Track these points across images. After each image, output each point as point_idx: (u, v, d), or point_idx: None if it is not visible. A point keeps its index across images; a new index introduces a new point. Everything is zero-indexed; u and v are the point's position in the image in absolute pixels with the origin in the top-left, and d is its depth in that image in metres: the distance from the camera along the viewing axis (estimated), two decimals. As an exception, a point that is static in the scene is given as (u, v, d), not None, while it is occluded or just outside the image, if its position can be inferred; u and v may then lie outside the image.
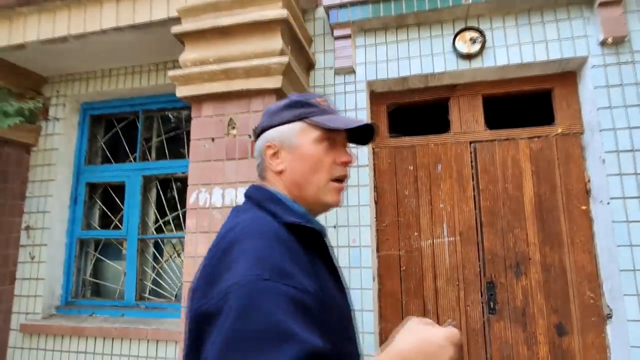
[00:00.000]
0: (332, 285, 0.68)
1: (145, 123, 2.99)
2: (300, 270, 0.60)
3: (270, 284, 0.56)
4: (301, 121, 0.78)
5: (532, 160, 2.20)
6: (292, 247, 0.64)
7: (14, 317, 2.76)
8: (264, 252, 0.60)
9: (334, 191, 0.78)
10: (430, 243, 2.27)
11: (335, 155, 0.78)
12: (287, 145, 0.78)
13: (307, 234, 0.69)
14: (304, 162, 0.76)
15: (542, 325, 2.07)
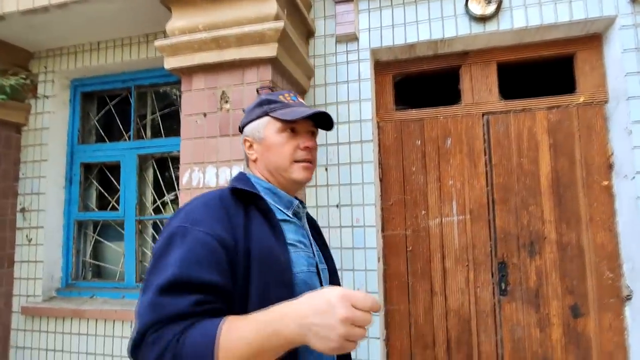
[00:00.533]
0: (270, 239, 0.80)
1: (138, 99, 2.85)
2: (216, 222, 0.75)
3: (184, 229, 0.74)
4: (266, 116, 0.93)
5: (550, 132, 2.04)
6: (223, 205, 0.79)
7: (15, 300, 2.74)
8: (191, 211, 0.78)
9: (299, 169, 0.91)
10: (438, 222, 2.15)
11: (299, 141, 0.92)
12: (257, 138, 0.94)
13: (248, 197, 0.84)
14: (269, 150, 0.92)
15: (556, 307, 1.97)
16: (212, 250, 0.71)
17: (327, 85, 2.26)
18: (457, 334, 2.08)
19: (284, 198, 0.94)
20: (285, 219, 0.91)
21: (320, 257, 0.99)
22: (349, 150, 2.20)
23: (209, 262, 0.70)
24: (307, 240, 0.95)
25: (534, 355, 1.98)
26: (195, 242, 0.71)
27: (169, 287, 0.66)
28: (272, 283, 0.76)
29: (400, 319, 2.17)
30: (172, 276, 0.66)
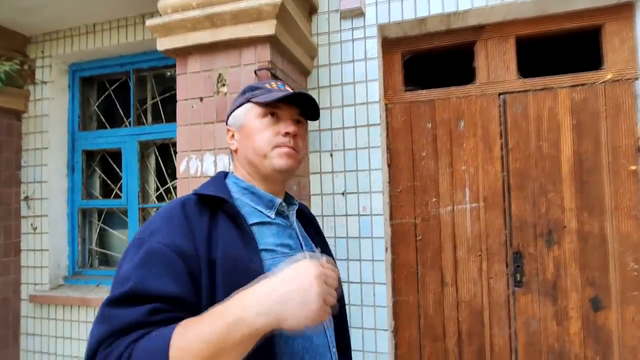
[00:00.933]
0: (237, 246, 0.72)
1: (138, 84, 2.76)
2: (175, 231, 0.69)
3: (140, 241, 0.69)
4: (248, 103, 0.86)
5: (573, 112, 1.88)
6: (185, 214, 0.72)
7: (23, 288, 2.75)
8: (151, 222, 0.73)
9: (279, 156, 0.82)
10: (450, 210, 2.03)
11: (280, 127, 0.83)
12: (238, 126, 0.87)
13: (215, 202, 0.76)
14: (248, 136, 0.85)
15: (575, 299, 1.86)
16: (168, 260, 0.66)
17: (331, 66, 2.13)
18: (468, 326, 1.99)
19: (264, 198, 0.85)
20: (264, 221, 0.82)
21: None
22: (355, 135, 2.08)
23: (164, 273, 0.64)
24: (294, 242, 0.85)
25: (549, 349, 1.89)
26: (150, 253, 0.66)
27: (120, 299, 0.61)
28: (229, 292, 0.66)
29: (409, 310, 2.09)
30: (124, 289, 0.62)
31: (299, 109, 0.88)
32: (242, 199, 0.83)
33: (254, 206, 0.83)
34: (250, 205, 0.83)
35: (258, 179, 0.86)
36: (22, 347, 2.72)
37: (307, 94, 0.85)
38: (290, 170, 0.84)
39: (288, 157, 0.82)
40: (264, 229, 0.80)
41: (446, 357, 2.03)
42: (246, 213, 0.80)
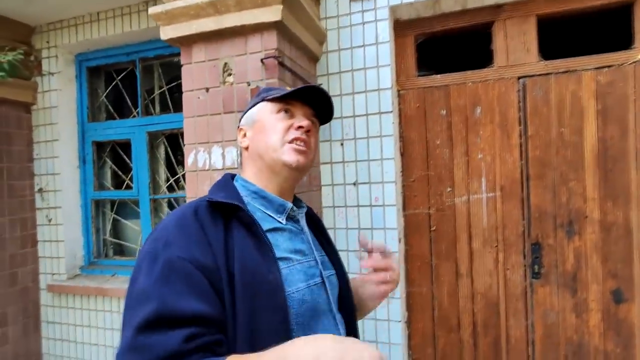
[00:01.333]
0: (254, 256, 0.68)
1: (144, 73, 2.71)
2: (192, 242, 0.65)
3: (155, 253, 0.64)
4: (262, 102, 0.84)
5: (599, 96, 1.77)
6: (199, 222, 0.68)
7: (41, 278, 2.81)
8: (163, 231, 0.68)
9: (290, 151, 0.79)
10: (465, 200, 1.97)
11: (294, 121, 0.81)
12: (250, 124, 0.85)
13: (228, 208, 0.72)
14: (260, 131, 0.82)
15: (595, 291, 1.80)
16: (190, 276, 0.62)
17: (340, 51, 2.05)
18: (484, 318, 1.96)
19: (274, 202, 0.81)
20: (277, 227, 0.78)
21: (326, 261, 0.86)
22: (367, 123, 2.01)
23: (189, 291, 0.61)
24: (306, 247, 0.81)
25: (568, 341, 1.84)
26: (169, 267, 0.62)
27: (150, 325, 0.57)
28: (260, 308, 0.65)
29: (422, 301, 2.06)
30: (152, 311, 0.58)
31: (313, 111, 0.85)
32: (253, 203, 0.79)
33: (264, 211, 0.79)
34: (261, 210, 0.79)
35: (268, 177, 0.81)
36: (44, 335, 2.81)
37: (322, 88, 0.82)
38: (300, 167, 0.79)
39: (299, 153, 0.79)
40: (277, 235, 0.77)
41: (461, 348, 2.00)
42: (259, 219, 0.76)
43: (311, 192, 1.97)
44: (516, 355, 1.91)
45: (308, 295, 0.73)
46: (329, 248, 0.91)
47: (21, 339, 2.69)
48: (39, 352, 2.80)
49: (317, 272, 0.79)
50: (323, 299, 0.77)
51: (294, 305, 0.70)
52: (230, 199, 0.73)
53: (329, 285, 0.80)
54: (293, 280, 0.72)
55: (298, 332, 0.69)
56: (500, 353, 1.94)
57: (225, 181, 0.83)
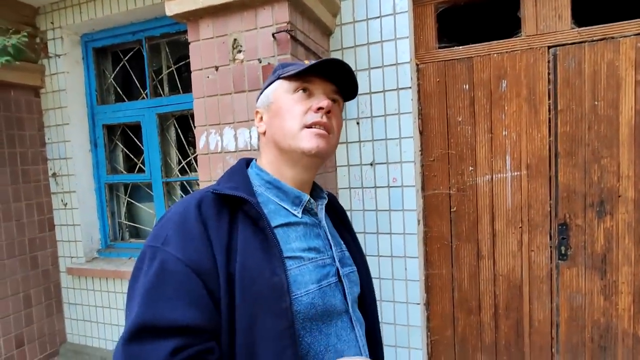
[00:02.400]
0: (258, 256, 0.63)
1: (151, 53, 2.63)
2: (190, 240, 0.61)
3: (154, 250, 0.61)
4: (278, 80, 0.76)
5: (638, 65, 1.63)
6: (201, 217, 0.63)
7: (61, 261, 2.86)
8: (164, 225, 0.64)
9: (309, 136, 0.71)
10: (488, 179, 1.88)
11: (312, 103, 0.72)
12: (266, 106, 0.77)
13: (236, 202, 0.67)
14: (277, 114, 0.74)
15: (626, 273, 1.72)
16: (184, 280, 0.58)
17: (355, 23, 1.93)
18: (506, 300, 1.91)
19: (290, 194, 0.74)
20: (290, 221, 0.72)
21: (346, 257, 0.79)
22: (384, 100, 1.91)
23: (181, 296, 0.57)
24: (323, 243, 0.75)
25: (594, 324, 1.78)
26: (163, 269, 0.59)
27: (137, 333, 0.55)
28: (261, 313, 0.60)
29: (442, 283, 2.01)
30: (139, 319, 0.56)
31: (335, 86, 0.75)
32: (266, 194, 0.73)
33: (279, 202, 0.73)
34: (275, 202, 0.73)
35: (285, 165, 0.74)
36: (66, 316, 2.88)
37: (342, 61, 0.72)
38: (320, 154, 0.71)
39: (319, 138, 0.70)
40: (289, 231, 0.70)
41: (481, 329, 1.97)
42: (270, 212, 0.70)
43: (326, 173, 1.90)
44: (539, 337, 1.87)
45: (319, 298, 0.67)
46: (351, 242, 0.85)
47: (45, 319, 2.77)
48: (63, 331, 2.88)
49: (333, 271, 0.73)
50: (338, 299, 0.71)
51: (301, 309, 0.64)
52: (238, 190, 0.67)
53: (347, 283, 0.74)
54: (303, 282, 0.66)
55: (306, 338, 0.65)
56: (523, 335, 1.89)
57: (239, 168, 0.77)
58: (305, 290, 0.66)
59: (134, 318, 0.56)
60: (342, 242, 0.83)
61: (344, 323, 0.72)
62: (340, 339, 0.69)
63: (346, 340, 0.70)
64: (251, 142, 1.62)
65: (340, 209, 0.90)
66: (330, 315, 0.69)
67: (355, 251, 0.85)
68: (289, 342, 0.60)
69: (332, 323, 0.69)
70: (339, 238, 0.82)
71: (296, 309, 0.63)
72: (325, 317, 0.68)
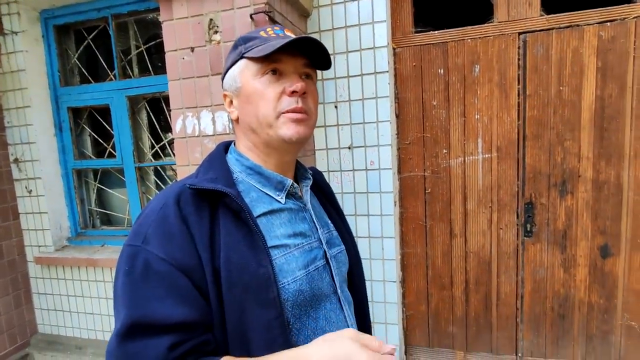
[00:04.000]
0: (242, 249, 0.62)
1: (119, 32, 2.51)
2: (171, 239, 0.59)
3: (135, 249, 0.60)
4: (242, 59, 0.70)
5: (600, 53, 1.73)
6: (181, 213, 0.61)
7: (28, 250, 2.74)
8: (143, 223, 0.62)
9: (287, 124, 0.68)
10: (461, 161, 1.96)
11: (284, 85, 0.68)
12: (234, 90, 0.72)
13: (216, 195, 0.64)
14: (248, 101, 0.69)
15: (584, 247, 1.86)
16: (170, 278, 0.57)
17: (333, 5, 1.91)
18: (475, 275, 2.02)
19: (272, 179, 0.72)
20: (274, 209, 0.70)
21: (334, 237, 0.80)
22: (362, 84, 1.93)
23: (170, 294, 0.57)
24: (309, 227, 0.74)
25: (555, 295, 1.93)
26: (147, 268, 0.58)
27: (131, 332, 0.55)
28: (250, 304, 0.60)
29: (417, 261, 2.10)
30: (130, 319, 0.55)
31: (306, 59, 0.70)
32: (248, 180, 0.71)
33: (261, 189, 0.71)
34: (257, 189, 0.71)
35: (264, 152, 0.72)
36: (36, 306, 2.78)
37: (311, 38, 0.67)
38: (301, 139, 0.69)
39: (297, 124, 0.67)
40: (273, 218, 0.69)
41: (452, 304, 2.08)
42: (253, 200, 0.69)
43: (305, 157, 1.91)
44: (505, 308, 2.00)
45: (306, 284, 0.67)
46: (338, 219, 0.86)
47: (14, 310, 2.66)
48: (34, 322, 2.79)
49: (320, 254, 0.73)
50: (326, 282, 0.72)
51: (289, 297, 0.65)
52: (217, 182, 0.65)
53: (335, 264, 0.75)
54: (289, 270, 0.66)
55: (295, 324, 0.66)
56: (491, 307, 2.02)
57: (217, 155, 0.74)
58: (293, 278, 0.66)
59: (124, 318, 0.56)
60: (330, 222, 0.83)
61: (332, 305, 0.72)
62: (329, 322, 0.71)
63: (335, 322, 0.71)
64: (230, 126, 1.60)
65: (326, 187, 0.90)
66: (319, 299, 0.70)
67: (343, 229, 0.85)
68: (279, 331, 0.61)
69: (321, 306, 0.70)
70: (326, 218, 0.82)
71: (284, 298, 0.64)
72: (314, 301, 0.69)
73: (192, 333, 0.57)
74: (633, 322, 1.84)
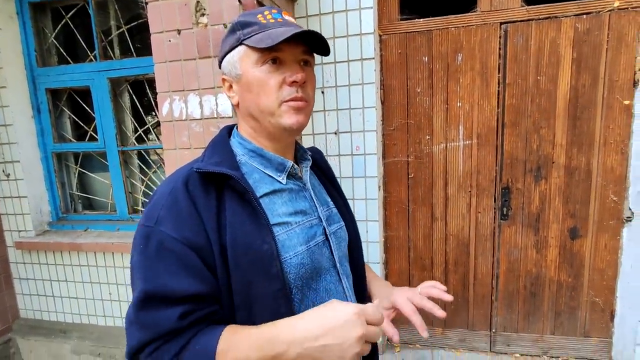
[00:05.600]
0: (248, 227, 0.66)
1: (99, 10, 2.43)
2: (182, 219, 0.64)
3: (149, 230, 0.64)
4: (240, 45, 0.71)
5: (575, 44, 1.80)
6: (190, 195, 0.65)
7: (7, 235, 2.68)
8: (155, 204, 0.67)
9: (289, 112, 0.71)
10: (443, 147, 2.02)
11: (285, 74, 0.70)
12: (234, 76, 0.74)
13: (222, 178, 0.68)
14: (249, 90, 0.72)
15: (555, 230, 1.98)
16: (182, 255, 0.62)
17: (321, -10, 1.91)
18: (455, 257, 2.12)
19: (274, 160, 0.75)
20: (275, 189, 0.74)
21: (333, 214, 0.84)
22: (348, 70, 1.95)
23: (181, 270, 0.62)
24: (309, 205, 0.78)
25: (527, 274, 2.05)
26: (161, 247, 0.63)
27: (147, 303, 0.61)
28: (255, 278, 0.65)
29: (399, 243, 2.18)
30: (145, 291, 0.61)
31: (304, 46, 0.72)
32: (250, 162, 0.75)
33: (263, 170, 0.75)
34: (259, 170, 0.75)
35: (265, 137, 0.75)
36: (17, 292, 2.75)
37: (313, 32, 0.69)
38: (301, 127, 0.72)
39: (298, 113, 0.71)
40: (275, 198, 0.73)
41: (432, 284, 2.18)
42: (255, 181, 0.73)
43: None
44: (482, 287, 2.12)
45: (307, 258, 0.72)
46: (338, 197, 0.89)
47: (-7, 296, 2.62)
48: (15, 307, 2.76)
49: (320, 231, 0.77)
50: (326, 256, 0.77)
51: (291, 270, 0.69)
52: (222, 165, 0.69)
53: (334, 240, 0.80)
54: (291, 245, 0.70)
55: (297, 295, 0.71)
56: (468, 286, 2.13)
57: (221, 140, 0.77)
58: (294, 253, 0.70)
59: (140, 290, 0.61)
60: (329, 200, 0.86)
61: (332, 277, 0.77)
62: (329, 293, 0.76)
63: (334, 294, 0.77)
64: (217, 110, 1.61)
65: (325, 166, 0.93)
66: (319, 272, 0.74)
67: (342, 206, 0.89)
68: (283, 302, 0.66)
69: (321, 278, 0.75)
70: (325, 196, 0.86)
71: (287, 271, 0.68)
72: (314, 274, 0.73)
73: (200, 304, 0.62)
74: (597, 298, 1.98)
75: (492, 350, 2.16)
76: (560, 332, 2.05)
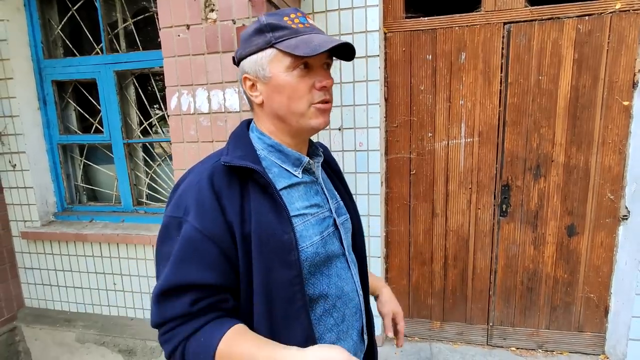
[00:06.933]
0: (270, 218, 0.71)
1: (106, 3, 2.45)
2: (207, 212, 0.68)
3: (177, 221, 0.70)
4: (271, 48, 0.73)
5: (577, 45, 1.83)
6: (215, 188, 0.70)
7: (13, 225, 2.72)
8: (182, 196, 0.72)
9: (318, 113, 0.76)
10: (444, 145, 2.06)
11: (313, 78, 0.74)
12: (261, 76, 0.75)
13: (246, 171, 0.72)
14: (280, 93, 0.74)
15: (553, 227, 2.02)
16: (203, 247, 0.68)
17: (327, -13, 1.94)
18: (454, 252, 2.17)
19: (291, 156, 0.79)
20: (293, 183, 0.79)
21: (341, 207, 0.90)
22: (353, 67, 1.98)
23: (200, 261, 0.68)
24: (321, 198, 0.83)
25: (525, 270, 2.10)
26: (186, 239, 0.68)
27: (167, 292, 0.68)
28: (275, 265, 0.70)
29: (400, 238, 2.23)
30: (167, 281, 0.68)
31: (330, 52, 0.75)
32: (269, 157, 0.79)
33: (281, 165, 0.79)
34: (277, 165, 0.79)
35: (287, 134, 0.79)
36: (23, 281, 2.79)
37: (349, 45, 0.73)
38: (326, 127, 0.79)
39: (324, 114, 0.76)
40: (292, 191, 0.78)
41: (432, 278, 2.23)
42: (275, 175, 0.77)
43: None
44: (480, 282, 2.16)
45: (321, 247, 0.77)
46: (343, 191, 0.95)
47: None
48: (20, 296, 2.80)
49: (331, 222, 0.82)
50: (336, 245, 0.82)
51: (307, 258, 0.75)
52: (246, 159, 0.72)
53: (343, 230, 0.85)
54: (307, 235, 0.76)
55: (311, 280, 0.77)
56: (467, 281, 2.18)
57: (242, 134, 0.80)
58: (310, 242, 0.75)
59: (164, 279, 0.68)
60: (337, 193, 0.92)
61: (342, 264, 0.83)
62: (340, 278, 0.82)
63: (344, 278, 0.83)
64: (225, 105, 1.64)
65: (333, 161, 0.99)
66: (331, 259, 0.80)
67: (348, 199, 0.94)
68: (299, 287, 0.71)
69: (333, 265, 0.81)
70: (333, 190, 0.91)
71: (303, 259, 0.73)
72: (327, 261, 0.79)
73: (213, 292, 0.68)
74: (591, 294, 2.03)
75: (488, 343, 2.21)
76: (555, 326, 2.11)
